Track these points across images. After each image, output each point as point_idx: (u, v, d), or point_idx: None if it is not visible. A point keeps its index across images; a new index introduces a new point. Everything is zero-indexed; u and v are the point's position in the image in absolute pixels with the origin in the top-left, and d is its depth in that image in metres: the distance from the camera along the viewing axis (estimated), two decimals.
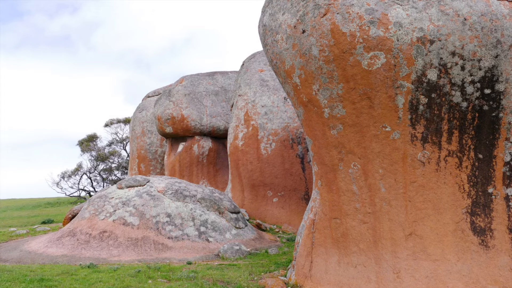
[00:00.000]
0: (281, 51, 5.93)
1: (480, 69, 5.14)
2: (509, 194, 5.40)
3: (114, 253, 9.36)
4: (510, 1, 5.22)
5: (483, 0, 5.14)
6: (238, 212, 11.63)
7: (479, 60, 5.10)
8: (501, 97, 5.22)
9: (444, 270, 5.34)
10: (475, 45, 5.06)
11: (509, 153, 5.36)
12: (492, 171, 5.40)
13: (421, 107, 5.28)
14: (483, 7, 5.09)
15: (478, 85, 5.19)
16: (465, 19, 5.04)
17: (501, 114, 5.26)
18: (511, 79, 5.16)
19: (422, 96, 5.24)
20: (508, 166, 5.38)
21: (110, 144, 35.23)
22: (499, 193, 5.41)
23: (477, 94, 5.22)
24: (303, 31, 5.52)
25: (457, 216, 5.42)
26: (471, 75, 5.16)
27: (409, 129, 5.38)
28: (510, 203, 5.38)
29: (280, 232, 12.74)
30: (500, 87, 5.19)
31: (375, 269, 5.63)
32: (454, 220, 5.42)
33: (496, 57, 5.10)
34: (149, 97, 23.21)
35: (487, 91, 5.21)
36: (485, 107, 5.26)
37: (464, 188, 5.42)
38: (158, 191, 11.16)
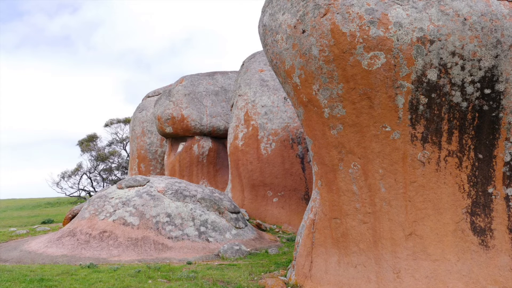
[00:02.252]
0: (281, 51, 5.93)
1: (480, 69, 5.14)
2: (509, 194, 5.40)
3: (114, 253, 9.36)
4: (510, 1, 5.22)
5: (483, 0, 5.14)
6: (238, 212, 11.62)
7: (479, 60, 5.10)
8: (501, 97, 5.22)
9: (444, 270, 5.34)
10: (475, 45, 5.06)
11: (509, 153, 5.36)
12: (492, 171, 5.40)
13: (421, 107, 5.28)
14: (483, 7, 5.09)
15: (478, 85, 5.19)
16: (465, 19, 5.04)
17: (501, 114, 5.26)
18: (511, 79, 5.16)
19: (422, 96, 5.24)
20: (508, 166, 5.38)
21: (110, 144, 35.24)
22: (499, 193, 5.41)
23: (477, 94, 5.22)
24: (303, 31, 5.52)
25: (457, 216, 5.42)
26: (471, 75, 5.16)
27: (409, 129, 5.38)
28: (510, 203, 5.38)
29: (280, 232, 12.73)
30: (500, 87, 5.19)
31: (375, 269, 5.63)
32: (454, 220, 5.42)
33: (496, 57, 5.10)
34: (149, 97, 23.21)
35: (487, 91, 5.21)
36: (485, 107, 5.26)
37: (464, 188, 5.42)
38: (158, 191, 11.16)
